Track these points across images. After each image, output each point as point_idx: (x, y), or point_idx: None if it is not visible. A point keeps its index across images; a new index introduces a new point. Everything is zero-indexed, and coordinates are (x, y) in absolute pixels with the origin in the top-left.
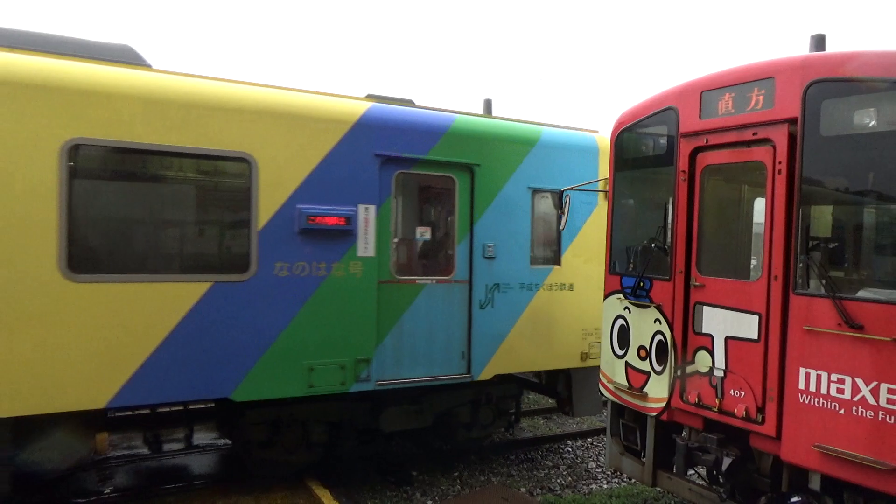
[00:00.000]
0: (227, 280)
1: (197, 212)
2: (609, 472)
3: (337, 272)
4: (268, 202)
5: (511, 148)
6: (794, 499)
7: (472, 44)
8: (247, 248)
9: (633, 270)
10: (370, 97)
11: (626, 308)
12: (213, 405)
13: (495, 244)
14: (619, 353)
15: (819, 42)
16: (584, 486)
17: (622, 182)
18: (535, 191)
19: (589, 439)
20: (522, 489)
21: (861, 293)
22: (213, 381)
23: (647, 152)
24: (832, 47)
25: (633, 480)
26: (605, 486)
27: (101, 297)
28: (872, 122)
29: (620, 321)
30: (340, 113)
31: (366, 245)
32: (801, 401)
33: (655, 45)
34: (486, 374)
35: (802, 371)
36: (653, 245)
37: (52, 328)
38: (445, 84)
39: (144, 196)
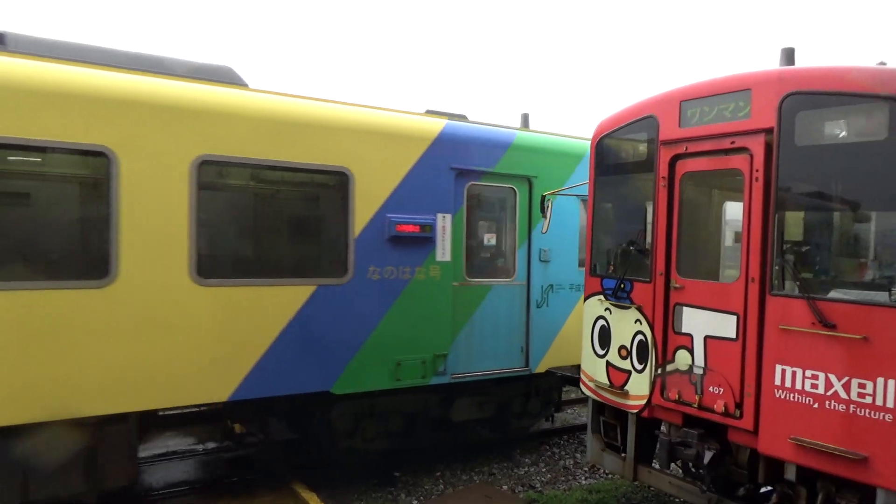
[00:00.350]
0: (328, 283)
1: (303, 221)
2: (586, 469)
3: (419, 275)
4: (362, 212)
5: (563, 161)
6: (765, 489)
7: (490, 51)
8: (345, 254)
9: (613, 272)
10: (429, 113)
11: (606, 309)
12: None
13: (550, 249)
14: (600, 352)
15: (789, 55)
16: (564, 483)
17: (603, 187)
18: (583, 200)
19: (564, 436)
20: (504, 487)
21: (832, 294)
22: (317, 376)
23: (627, 158)
24: (801, 60)
25: (612, 476)
26: (584, 482)
27: (224, 300)
28: (843, 133)
29: (601, 322)
30: (423, 130)
31: (443, 250)
32: (778, 396)
33: (651, 52)
34: (540, 368)
35: (778, 368)
36: (633, 248)
37: (184, 329)
38: (466, 93)
39: (258, 207)
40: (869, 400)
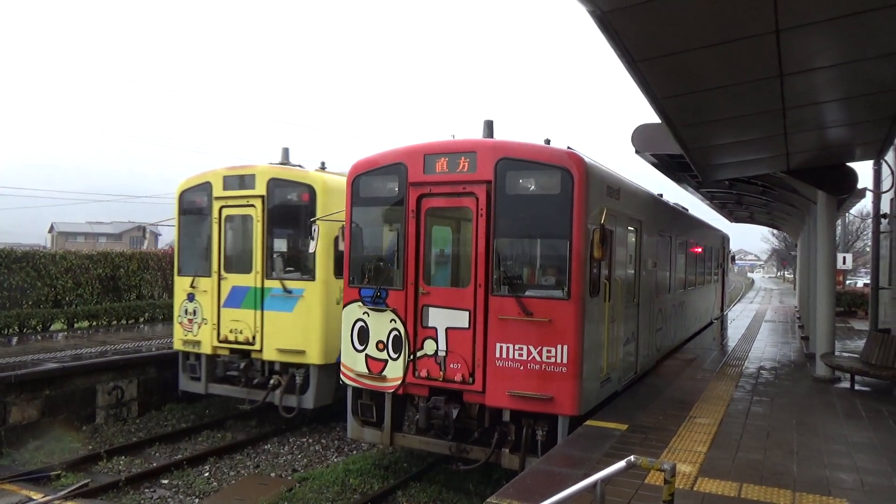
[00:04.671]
0: None
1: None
2: (333, 448)
3: None
4: None
5: None
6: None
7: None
8: None
9: (371, 284)
10: None
11: (365, 313)
12: None
13: None
14: (360, 348)
15: (489, 125)
16: (320, 463)
17: (358, 215)
18: None
19: (303, 427)
20: (273, 475)
21: (528, 293)
22: None
23: (381, 194)
24: (497, 128)
25: (361, 450)
26: (337, 460)
27: None
28: (532, 187)
29: (360, 323)
30: None
31: None
32: (498, 364)
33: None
34: None
35: (498, 345)
36: (387, 264)
37: None
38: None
39: None
40: (553, 360)
